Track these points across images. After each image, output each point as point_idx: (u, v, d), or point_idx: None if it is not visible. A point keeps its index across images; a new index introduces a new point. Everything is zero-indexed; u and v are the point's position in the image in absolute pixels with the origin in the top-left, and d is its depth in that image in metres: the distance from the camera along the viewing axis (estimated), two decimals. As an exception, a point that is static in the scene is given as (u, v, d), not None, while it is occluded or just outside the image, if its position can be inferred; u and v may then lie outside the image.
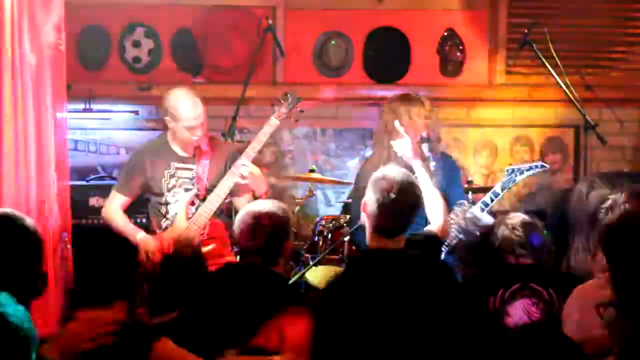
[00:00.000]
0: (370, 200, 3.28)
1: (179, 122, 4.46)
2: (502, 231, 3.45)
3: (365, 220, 3.33)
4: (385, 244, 3.25)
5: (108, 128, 6.27)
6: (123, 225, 4.59)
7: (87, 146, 6.27)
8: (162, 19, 6.30)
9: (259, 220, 3.47)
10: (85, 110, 6.10)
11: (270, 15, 6.04)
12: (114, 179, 5.81)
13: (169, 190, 4.56)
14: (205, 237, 4.53)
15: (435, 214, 4.05)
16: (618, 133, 6.62)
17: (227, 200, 4.73)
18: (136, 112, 6.24)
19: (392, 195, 3.24)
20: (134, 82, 6.24)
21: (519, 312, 3.21)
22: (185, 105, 4.45)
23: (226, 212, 4.88)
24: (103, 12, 6.23)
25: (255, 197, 4.59)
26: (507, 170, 4.49)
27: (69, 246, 4.42)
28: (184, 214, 4.51)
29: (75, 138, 6.06)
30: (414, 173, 3.86)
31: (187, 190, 4.53)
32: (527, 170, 4.48)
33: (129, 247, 4.24)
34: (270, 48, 6.17)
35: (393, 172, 3.36)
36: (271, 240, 3.46)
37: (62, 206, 4.34)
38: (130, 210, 4.73)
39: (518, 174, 4.46)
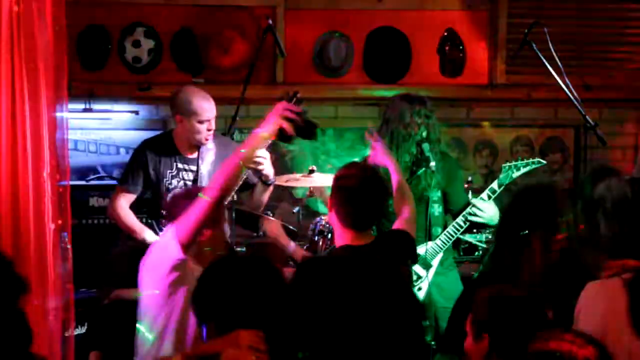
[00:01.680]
0: (337, 197, 3.30)
1: (192, 117, 4.45)
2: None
3: (333, 219, 3.35)
4: (354, 239, 3.28)
5: (108, 128, 6.27)
6: (131, 222, 4.57)
7: (87, 146, 6.26)
8: (162, 19, 6.30)
9: None
10: (85, 110, 6.11)
11: (270, 15, 6.04)
12: (114, 179, 5.82)
13: (169, 190, 4.55)
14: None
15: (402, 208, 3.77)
16: (618, 133, 6.62)
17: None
18: (136, 112, 6.25)
19: (359, 187, 3.27)
20: (134, 82, 6.24)
21: None
22: (199, 99, 4.47)
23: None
24: (103, 12, 6.23)
25: (263, 182, 4.60)
26: (504, 167, 4.57)
27: (69, 246, 4.41)
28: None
29: (75, 138, 6.06)
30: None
31: (188, 191, 4.52)
32: (524, 166, 4.54)
33: None
34: (270, 48, 6.17)
35: (354, 166, 3.43)
36: None
37: (62, 206, 4.34)
38: (131, 211, 4.73)
39: (515, 170, 4.52)
